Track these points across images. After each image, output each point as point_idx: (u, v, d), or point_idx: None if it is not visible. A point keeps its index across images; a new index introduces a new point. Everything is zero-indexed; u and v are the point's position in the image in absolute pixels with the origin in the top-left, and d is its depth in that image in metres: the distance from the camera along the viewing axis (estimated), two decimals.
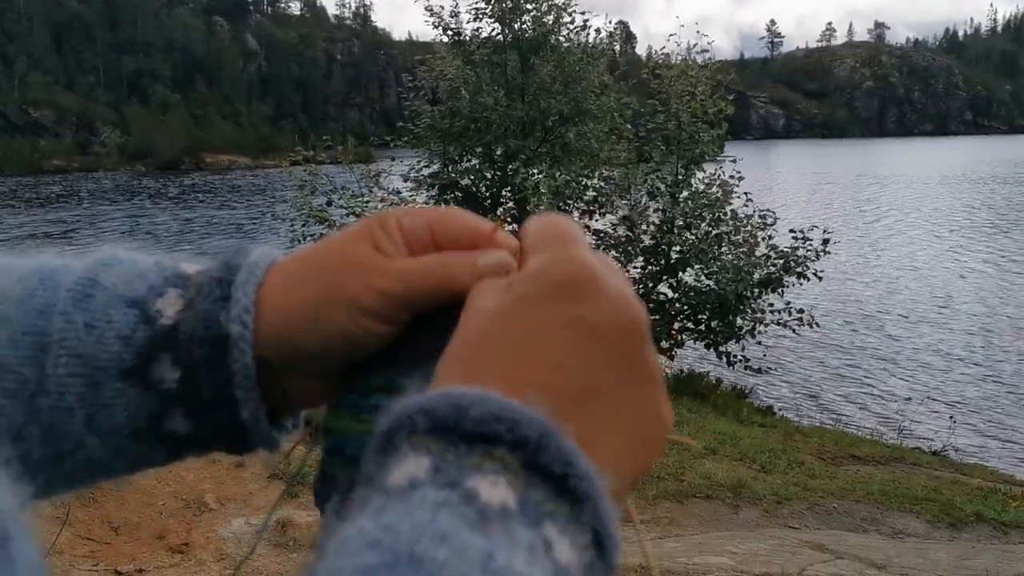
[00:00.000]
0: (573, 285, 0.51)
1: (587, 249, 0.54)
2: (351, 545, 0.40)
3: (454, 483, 0.42)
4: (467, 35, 17.27)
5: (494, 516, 0.41)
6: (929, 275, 27.20)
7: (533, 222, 0.58)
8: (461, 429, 0.44)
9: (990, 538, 7.02)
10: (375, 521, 0.41)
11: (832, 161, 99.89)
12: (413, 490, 0.42)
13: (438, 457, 0.43)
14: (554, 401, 0.46)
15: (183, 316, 0.60)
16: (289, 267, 0.62)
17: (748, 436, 10.01)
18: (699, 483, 7.49)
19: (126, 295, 0.61)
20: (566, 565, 0.42)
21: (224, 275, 0.61)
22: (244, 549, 4.70)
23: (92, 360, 0.59)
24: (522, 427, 0.43)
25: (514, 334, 0.50)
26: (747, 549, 5.82)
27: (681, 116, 15.16)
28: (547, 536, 0.42)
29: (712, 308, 14.78)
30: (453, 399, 0.45)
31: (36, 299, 0.61)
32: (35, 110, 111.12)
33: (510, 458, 0.43)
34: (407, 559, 0.38)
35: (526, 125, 16.48)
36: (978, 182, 66.13)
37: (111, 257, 0.65)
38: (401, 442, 0.45)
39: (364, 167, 15.86)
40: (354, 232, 0.61)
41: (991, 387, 16.03)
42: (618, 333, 0.50)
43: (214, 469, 5.71)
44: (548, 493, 0.43)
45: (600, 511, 0.44)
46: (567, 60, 16.39)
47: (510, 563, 0.39)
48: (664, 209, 15.28)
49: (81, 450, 0.61)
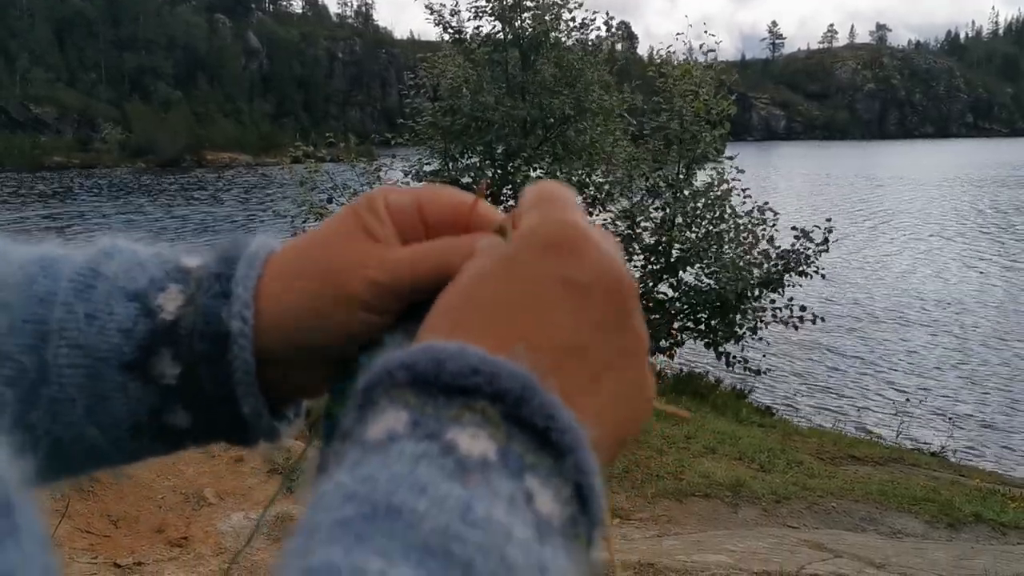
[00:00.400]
0: (562, 245, 0.51)
1: (578, 212, 0.55)
2: (328, 499, 0.40)
3: (433, 435, 0.41)
4: (468, 33, 17.28)
5: (474, 467, 0.40)
6: (930, 277, 27.21)
7: (529, 188, 0.59)
8: (440, 382, 0.43)
9: (988, 539, 7.02)
10: (352, 474, 0.40)
11: (833, 163, 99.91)
12: (391, 443, 0.42)
13: (417, 410, 0.43)
14: (539, 357, 0.46)
15: (184, 311, 0.60)
16: (286, 261, 0.62)
17: (747, 436, 10.01)
18: (698, 482, 7.49)
19: (127, 287, 0.61)
20: (547, 516, 0.41)
21: (223, 269, 0.61)
22: (242, 543, 4.70)
23: (93, 351, 0.59)
24: (502, 380, 0.43)
25: (502, 292, 0.50)
26: (746, 547, 5.82)
27: (684, 115, 15.15)
28: (528, 488, 0.41)
29: (712, 307, 14.78)
30: (432, 352, 0.44)
31: (37, 287, 0.61)
32: (36, 106, 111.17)
33: (491, 410, 0.43)
34: (385, 510, 0.38)
35: (527, 124, 16.48)
36: (979, 184, 66.14)
37: (112, 247, 0.65)
38: (379, 397, 0.44)
39: (365, 163, 15.86)
40: (344, 220, 0.61)
41: (990, 389, 16.04)
42: (605, 293, 0.50)
43: (213, 464, 5.71)
44: (529, 446, 0.43)
45: (582, 464, 0.44)
46: (567, 58, 16.39)
47: (490, 513, 0.39)
48: (665, 206, 15.28)
49: (81, 440, 0.61)
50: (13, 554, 0.36)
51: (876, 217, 44.09)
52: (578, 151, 16.30)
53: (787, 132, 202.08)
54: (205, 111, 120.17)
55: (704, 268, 14.87)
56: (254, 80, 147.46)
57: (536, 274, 0.50)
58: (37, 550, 0.38)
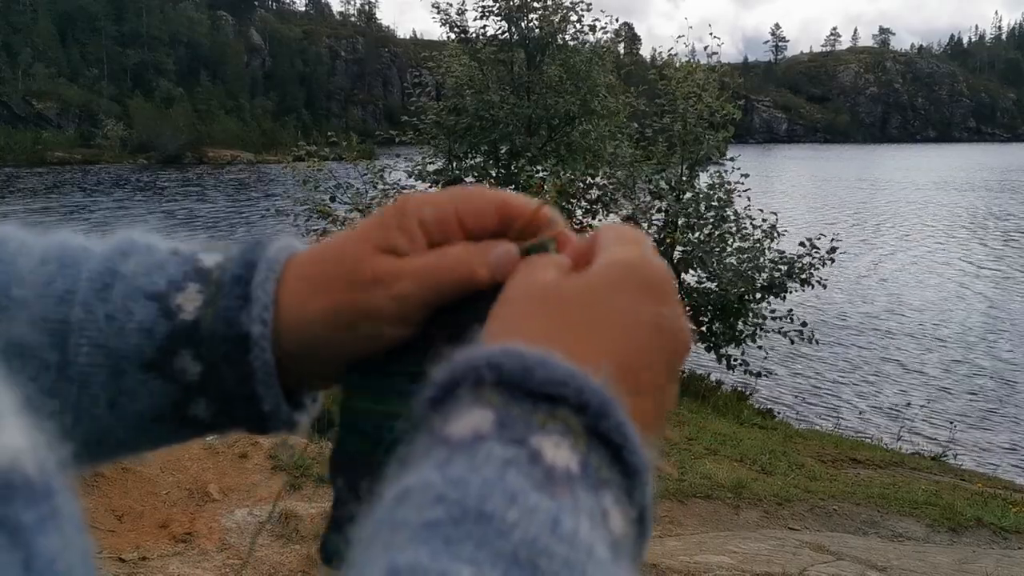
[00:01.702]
0: (660, 287, 0.52)
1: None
2: (416, 497, 0.40)
3: (520, 440, 0.41)
4: (473, 33, 17.28)
5: (560, 479, 0.40)
6: (931, 281, 27.22)
7: (609, 226, 0.59)
8: (527, 386, 0.43)
9: (990, 543, 7.03)
10: (441, 473, 0.40)
11: (835, 166, 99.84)
12: (478, 443, 0.42)
13: (502, 412, 0.43)
14: (622, 379, 0.46)
15: (203, 313, 0.60)
16: (307, 269, 0.62)
17: (748, 438, 10.02)
18: (700, 483, 7.49)
19: (146, 288, 0.61)
20: (620, 537, 0.42)
21: (243, 272, 0.61)
22: (247, 539, 4.71)
23: (114, 351, 0.60)
24: (586, 393, 0.43)
25: (595, 310, 0.50)
26: (748, 549, 5.83)
27: (688, 117, 15.16)
28: (604, 505, 0.42)
29: (714, 310, 14.79)
30: (519, 356, 0.44)
31: (56, 285, 0.61)
32: (38, 102, 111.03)
33: (574, 420, 0.43)
34: (475, 516, 0.38)
35: (532, 123, 16.48)
36: (981, 189, 66.12)
37: (129, 244, 0.65)
38: (465, 392, 0.44)
39: (368, 163, 15.86)
40: (369, 231, 0.61)
41: (992, 393, 16.04)
42: (678, 343, 0.52)
43: (217, 459, 5.72)
44: (604, 461, 0.43)
45: (648, 488, 0.44)
46: (574, 60, 16.40)
47: (577, 528, 0.39)
48: (667, 209, 15.29)
49: (104, 431, 0.62)
50: (55, 538, 0.36)
51: (878, 221, 44.07)
52: (582, 152, 16.31)
53: (789, 135, 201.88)
54: (207, 108, 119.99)
55: (706, 270, 14.88)
56: (256, 77, 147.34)
57: (634, 305, 0.51)
58: (76, 534, 0.38)
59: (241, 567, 4.00)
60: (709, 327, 14.99)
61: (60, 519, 0.37)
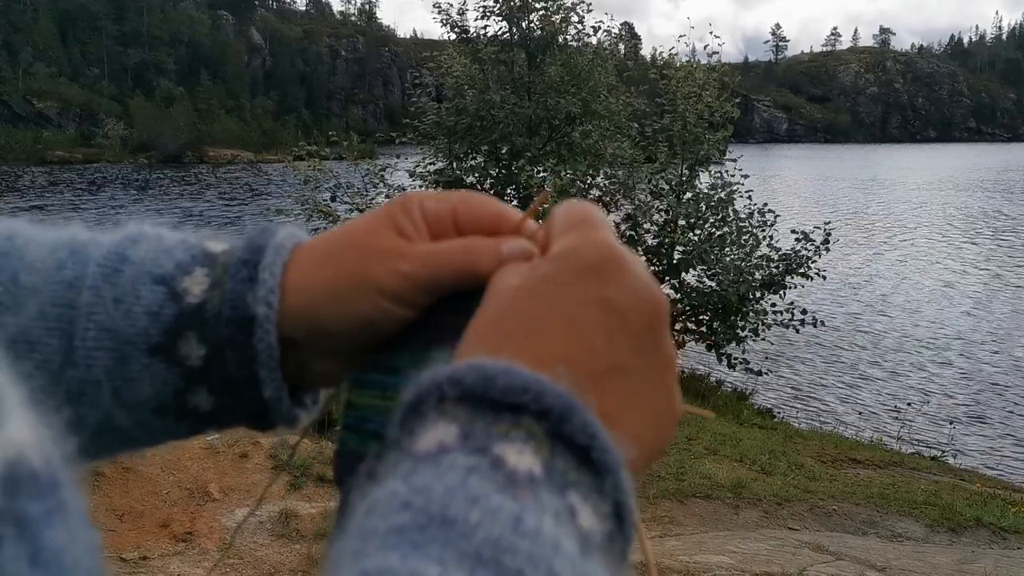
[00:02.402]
0: (601, 267, 0.52)
1: (612, 233, 0.56)
2: (383, 506, 0.41)
3: (483, 449, 0.42)
4: (474, 33, 17.27)
5: (522, 482, 0.41)
6: (931, 281, 27.20)
7: (561, 207, 0.60)
8: (488, 398, 0.44)
9: (989, 543, 7.03)
10: (406, 483, 0.41)
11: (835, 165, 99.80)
12: (442, 455, 0.42)
13: (466, 424, 0.44)
14: (579, 376, 0.47)
15: (210, 295, 0.61)
16: (314, 250, 0.63)
17: (748, 438, 10.02)
18: (699, 483, 7.50)
19: (153, 271, 0.62)
20: (589, 532, 0.43)
21: (251, 256, 0.62)
22: (248, 538, 4.72)
23: (120, 334, 0.60)
24: (547, 398, 0.44)
25: (541, 311, 0.51)
26: (747, 549, 5.83)
27: (688, 117, 15.17)
28: (571, 504, 0.42)
29: (714, 309, 14.80)
30: (480, 369, 0.45)
31: (66, 272, 0.62)
32: (39, 101, 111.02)
33: (536, 427, 0.44)
34: (440, 520, 0.38)
35: (532, 123, 16.48)
36: (982, 188, 66.10)
37: (138, 233, 0.66)
38: (429, 409, 0.45)
39: (370, 162, 15.86)
40: (377, 217, 0.62)
41: (991, 394, 16.04)
42: (642, 315, 0.52)
43: (218, 459, 5.72)
44: (571, 463, 0.44)
45: (620, 483, 0.45)
46: (575, 60, 16.39)
47: (539, 526, 0.39)
48: (668, 209, 15.30)
49: (107, 421, 0.62)
50: (61, 531, 0.36)
51: (877, 220, 44.04)
52: (582, 152, 16.31)
53: (789, 134, 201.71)
54: (207, 107, 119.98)
55: (706, 270, 14.90)
56: (256, 77, 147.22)
57: (576, 295, 0.51)
58: (82, 528, 0.38)
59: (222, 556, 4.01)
60: (709, 326, 15.00)
61: (66, 512, 0.37)
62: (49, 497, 0.36)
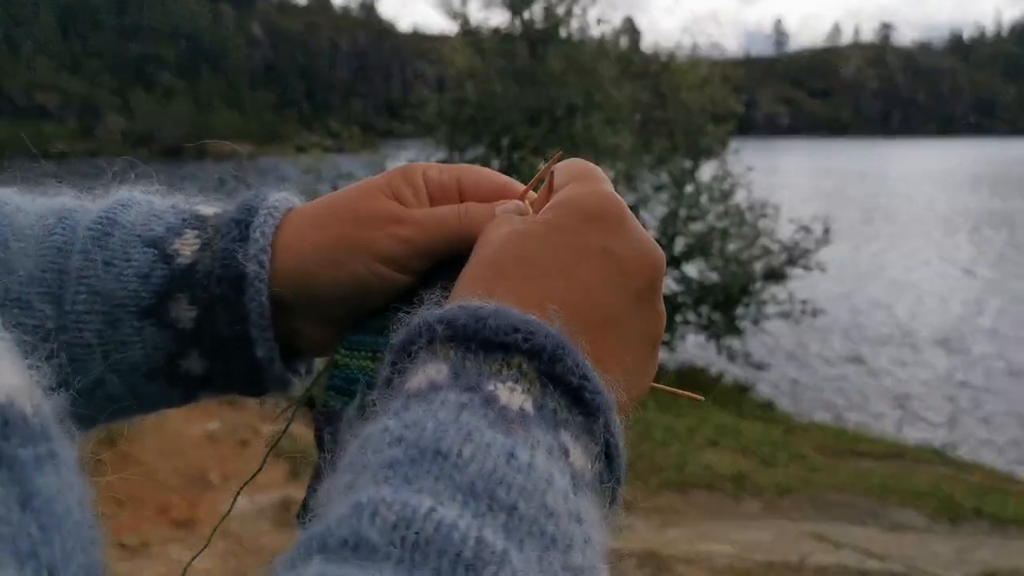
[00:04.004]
0: (604, 217, 0.53)
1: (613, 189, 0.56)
2: (375, 442, 0.41)
3: (474, 387, 0.43)
4: (476, 24, 17.27)
5: (514, 418, 0.42)
6: (931, 273, 27.20)
7: (562, 165, 0.60)
8: (480, 338, 0.45)
9: (989, 533, 7.03)
10: (398, 419, 0.42)
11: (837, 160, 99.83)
12: (434, 392, 0.43)
13: (457, 363, 0.44)
14: (573, 320, 0.47)
15: (200, 256, 0.61)
16: (308, 212, 0.63)
17: (749, 429, 10.03)
18: (700, 474, 7.50)
19: (144, 235, 0.62)
20: (580, 471, 0.43)
21: (243, 216, 0.62)
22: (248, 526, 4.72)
23: (110, 297, 0.60)
24: (538, 338, 0.44)
25: (541, 255, 0.51)
26: (749, 538, 5.84)
27: (691, 108, 15.22)
28: (563, 442, 0.43)
29: (715, 300, 14.84)
30: (471, 310, 0.46)
31: (55, 237, 0.62)
32: (40, 94, 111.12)
33: (527, 366, 0.44)
34: (432, 454, 0.39)
35: (534, 114, 16.48)
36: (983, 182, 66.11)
37: (128, 198, 0.66)
38: (419, 350, 0.46)
39: (371, 153, 15.91)
40: (376, 183, 0.62)
41: (992, 386, 16.04)
42: (641, 270, 0.53)
43: (217, 446, 5.72)
44: (562, 402, 0.44)
45: (611, 424, 0.46)
46: (578, 52, 16.40)
47: (532, 460, 0.40)
48: (673, 199, 15.36)
49: (99, 387, 0.62)
50: (53, 478, 0.36)
51: (879, 213, 44.06)
52: (584, 144, 16.31)
53: (790, 129, 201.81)
54: (208, 100, 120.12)
55: (708, 262, 14.95)
56: (257, 70, 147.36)
57: (577, 242, 0.51)
58: (74, 479, 0.38)
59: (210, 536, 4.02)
60: (709, 317, 15.05)
61: (58, 462, 0.37)
62: (40, 444, 0.36)
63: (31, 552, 0.33)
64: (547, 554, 0.38)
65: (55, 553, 0.34)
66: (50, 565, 0.33)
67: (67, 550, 0.35)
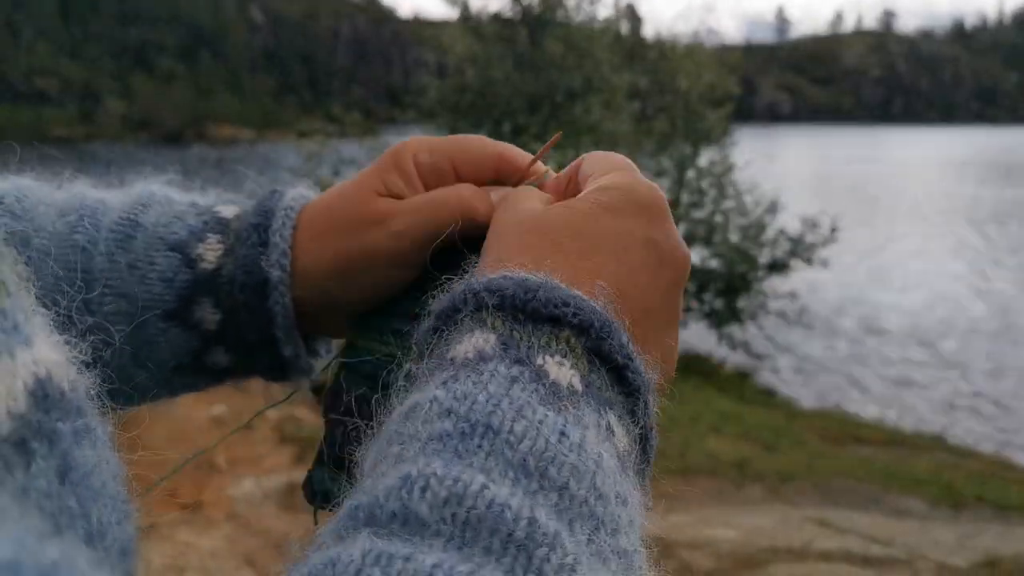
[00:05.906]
0: (652, 208, 0.53)
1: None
2: (423, 412, 0.40)
3: (523, 360, 0.42)
4: (476, 10, 17.23)
5: (564, 395, 0.41)
6: (933, 261, 27.19)
7: (594, 154, 0.60)
8: (529, 309, 0.44)
9: (991, 520, 7.05)
10: (447, 390, 0.41)
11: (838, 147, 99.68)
12: (483, 363, 0.42)
13: (505, 334, 0.44)
14: (618, 301, 0.48)
15: (224, 261, 0.62)
16: (317, 215, 0.63)
17: (751, 416, 10.05)
18: (703, 460, 7.52)
19: (167, 238, 0.63)
20: (624, 452, 0.43)
21: (261, 220, 0.63)
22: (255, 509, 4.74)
23: (136, 300, 0.61)
24: (587, 313, 0.44)
25: (597, 233, 0.51)
26: (752, 524, 5.86)
27: (690, 94, 15.21)
28: (610, 421, 0.43)
29: (717, 288, 14.87)
30: (520, 280, 0.45)
31: (79, 236, 0.62)
32: (40, 79, 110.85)
33: (575, 341, 0.44)
34: (484, 429, 0.38)
35: (535, 100, 16.45)
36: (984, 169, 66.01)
37: (148, 195, 0.66)
38: (465, 318, 0.46)
39: (372, 139, 15.89)
40: (368, 178, 0.62)
41: (994, 373, 16.05)
42: (676, 263, 0.53)
43: (224, 430, 5.73)
44: (606, 380, 0.44)
45: (650, 407, 0.46)
46: (575, 36, 16.36)
47: (583, 440, 0.39)
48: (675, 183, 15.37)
49: (127, 380, 0.62)
50: (89, 453, 0.36)
51: (881, 202, 44.00)
52: (584, 130, 16.30)
53: (792, 116, 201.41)
54: (208, 85, 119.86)
55: (710, 249, 14.98)
56: (257, 55, 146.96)
57: (629, 227, 0.52)
58: (108, 454, 0.38)
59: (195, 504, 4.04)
60: (711, 304, 15.08)
61: (94, 436, 0.37)
62: (77, 418, 0.36)
63: (70, 524, 0.33)
64: (596, 536, 0.38)
65: (92, 525, 0.34)
66: (87, 537, 0.34)
67: (104, 523, 0.35)
